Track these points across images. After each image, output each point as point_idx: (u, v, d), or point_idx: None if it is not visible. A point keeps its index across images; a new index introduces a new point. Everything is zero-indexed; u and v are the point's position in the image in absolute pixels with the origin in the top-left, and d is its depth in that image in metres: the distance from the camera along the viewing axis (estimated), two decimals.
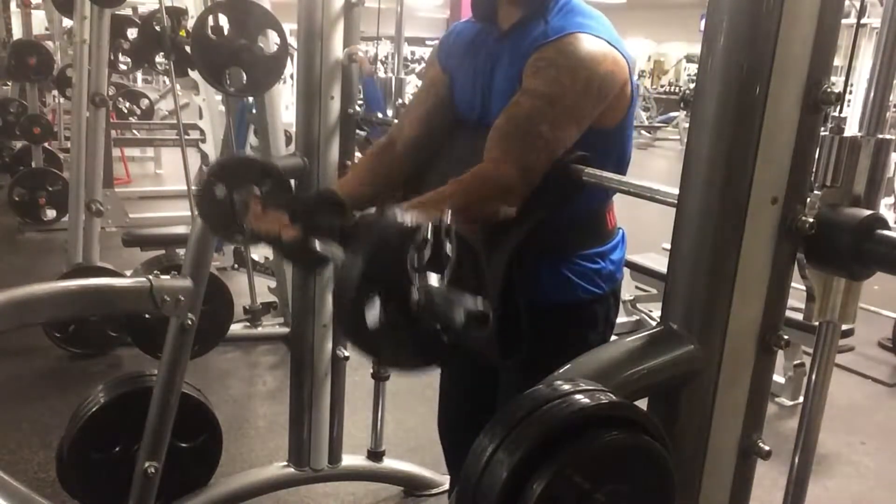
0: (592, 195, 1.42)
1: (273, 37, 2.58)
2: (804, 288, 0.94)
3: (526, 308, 1.42)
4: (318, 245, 1.22)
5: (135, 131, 7.58)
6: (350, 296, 0.92)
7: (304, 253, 1.27)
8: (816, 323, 0.97)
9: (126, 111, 7.23)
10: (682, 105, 13.47)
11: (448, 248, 0.93)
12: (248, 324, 3.75)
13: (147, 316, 2.74)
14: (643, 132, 13.94)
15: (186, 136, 3.99)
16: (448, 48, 1.57)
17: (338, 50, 2.00)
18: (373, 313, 0.92)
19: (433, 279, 0.92)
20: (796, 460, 1.03)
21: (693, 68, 15.83)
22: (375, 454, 2.46)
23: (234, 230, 1.56)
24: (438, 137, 1.56)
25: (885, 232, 0.87)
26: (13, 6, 7.60)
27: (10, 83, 6.28)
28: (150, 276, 1.76)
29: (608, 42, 1.35)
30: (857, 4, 3.96)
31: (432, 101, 1.57)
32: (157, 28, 3.56)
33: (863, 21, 5.46)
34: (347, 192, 1.53)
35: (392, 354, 1.04)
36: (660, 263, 3.73)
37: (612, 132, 1.42)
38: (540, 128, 1.31)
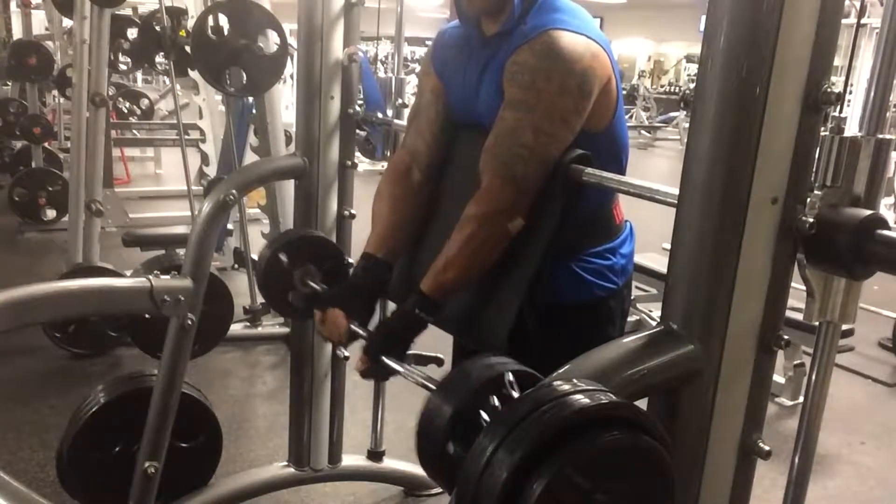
0: (596, 193, 1.42)
1: (273, 37, 2.59)
2: (804, 288, 0.94)
3: (544, 310, 1.42)
4: (388, 361, 1.35)
5: (135, 131, 7.58)
6: (439, 437, 0.98)
7: (377, 370, 1.39)
8: (816, 323, 0.97)
9: (126, 111, 7.23)
10: (682, 105, 13.46)
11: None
12: (248, 324, 3.75)
13: (147, 316, 2.74)
14: (643, 132, 13.93)
15: (186, 136, 3.99)
16: (440, 55, 1.55)
17: (338, 50, 1.99)
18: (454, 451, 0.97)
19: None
20: (796, 460, 1.03)
21: (693, 68, 15.83)
22: (375, 454, 2.45)
23: (292, 307, 1.74)
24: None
25: (885, 232, 0.87)
26: (13, 6, 7.61)
27: (10, 83, 6.28)
28: (150, 276, 1.75)
29: (587, 37, 1.33)
30: (857, 4, 3.97)
31: (442, 117, 1.54)
32: (157, 28, 3.55)
33: (863, 21, 5.47)
34: (383, 245, 1.54)
35: None
36: (660, 263, 3.73)
37: (601, 136, 1.39)
38: (523, 138, 1.30)
